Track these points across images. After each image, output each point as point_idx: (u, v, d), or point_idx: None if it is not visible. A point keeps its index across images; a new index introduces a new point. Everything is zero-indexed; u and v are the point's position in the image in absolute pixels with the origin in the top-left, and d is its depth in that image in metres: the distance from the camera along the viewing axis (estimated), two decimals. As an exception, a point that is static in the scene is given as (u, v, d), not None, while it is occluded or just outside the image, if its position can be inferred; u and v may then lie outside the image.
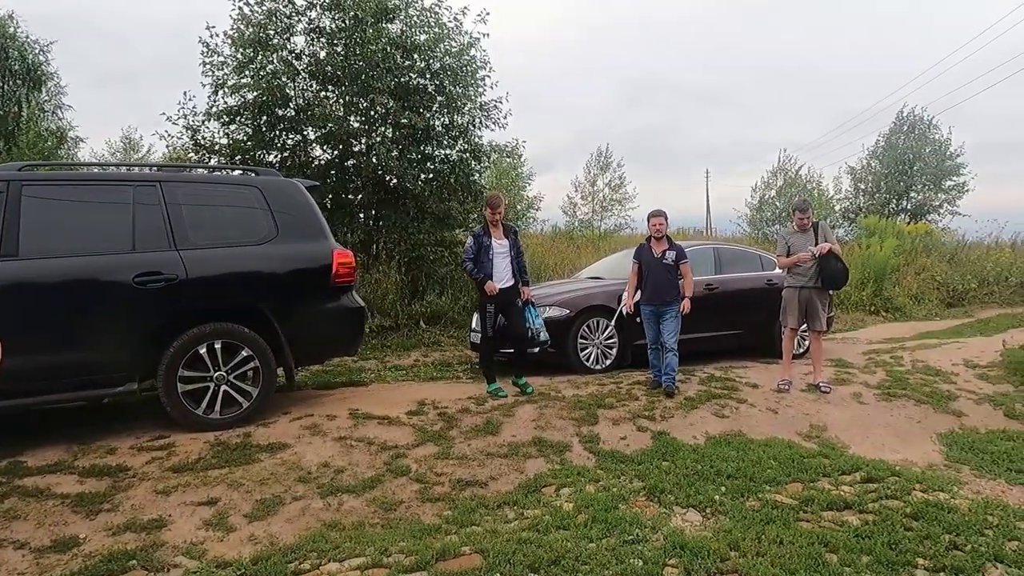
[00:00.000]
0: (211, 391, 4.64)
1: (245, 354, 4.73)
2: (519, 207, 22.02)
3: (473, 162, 11.51)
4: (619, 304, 6.58)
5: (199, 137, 10.42)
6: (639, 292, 6.08)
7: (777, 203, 26.43)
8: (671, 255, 5.95)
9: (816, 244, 6.07)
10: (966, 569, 3.01)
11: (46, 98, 21.35)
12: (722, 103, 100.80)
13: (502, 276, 5.58)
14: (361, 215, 10.65)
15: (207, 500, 3.69)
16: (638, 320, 6.26)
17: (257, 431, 4.64)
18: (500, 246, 5.55)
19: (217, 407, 4.65)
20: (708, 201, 36.92)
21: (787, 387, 6.19)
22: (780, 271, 7.99)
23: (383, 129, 10.82)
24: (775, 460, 4.46)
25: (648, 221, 6.10)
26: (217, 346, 4.63)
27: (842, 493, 3.94)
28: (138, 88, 62.05)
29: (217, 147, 10.53)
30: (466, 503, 3.80)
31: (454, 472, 4.21)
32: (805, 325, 6.51)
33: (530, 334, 5.74)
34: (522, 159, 23.03)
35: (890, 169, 23.03)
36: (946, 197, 23.05)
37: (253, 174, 5.31)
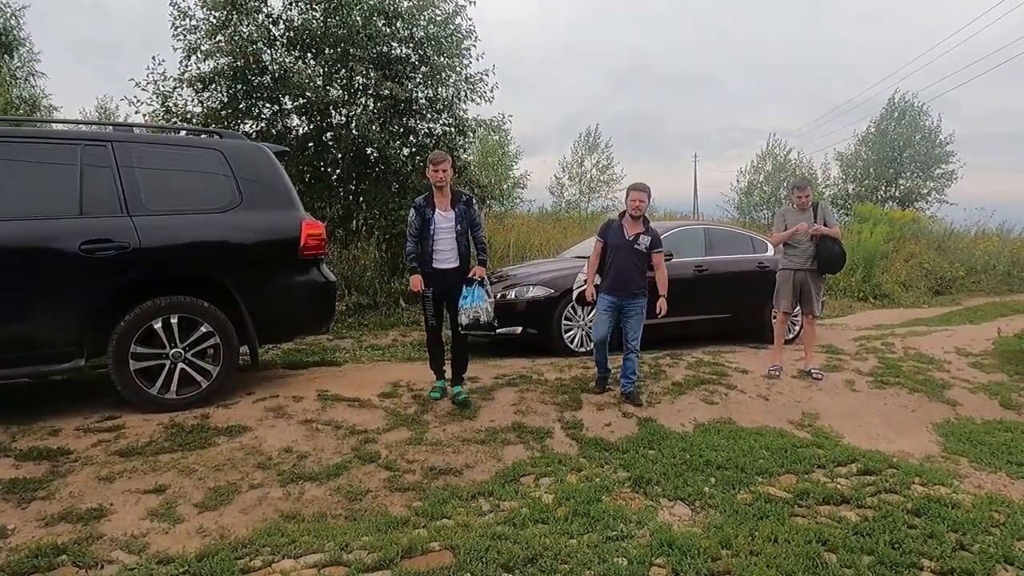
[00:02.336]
0: (167, 369, 4.31)
1: (204, 330, 4.39)
2: (505, 186, 21.61)
3: (458, 137, 11.14)
4: (576, 285, 5.91)
5: (170, 104, 9.96)
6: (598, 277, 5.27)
7: (765, 188, 26.28)
8: (645, 240, 5.01)
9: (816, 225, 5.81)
10: (975, 572, 2.79)
11: (18, 64, 20.55)
12: (711, 89, 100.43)
13: (445, 256, 4.63)
14: (340, 189, 10.24)
15: (155, 488, 3.38)
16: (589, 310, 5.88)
17: (216, 413, 4.32)
18: (444, 219, 4.58)
19: (173, 386, 4.32)
20: (696, 185, 36.73)
21: (778, 373, 5.97)
22: (772, 254, 7.78)
23: (364, 100, 10.40)
24: (767, 450, 4.23)
25: (627, 195, 5.14)
26: (173, 321, 4.29)
27: (838, 486, 3.71)
28: (118, 59, 60.43)
29: (190, 115, 10.09)
30: (438, 493, 3.52)
31: (427, 459, 3.93)
32: (797, 309, 6.28)
33: (465, 317, 4.57)
34: (509, 136, 22.62)
35: (880, 156, 22.89)
36: (935, 185, 23.00)
37: (217, 137, 4.92)
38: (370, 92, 10.26)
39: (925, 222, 18.57)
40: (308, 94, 9.70)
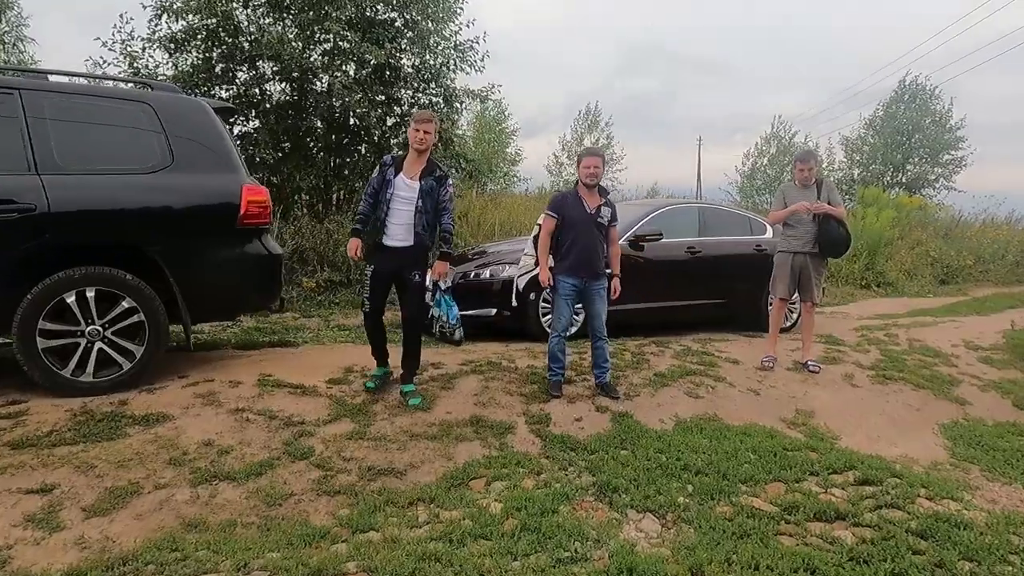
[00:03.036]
0: (82, 348, 3.83)
1: (127, 305, 3.90)
2: (500, 164, 21.05)
3: (445, 107, 10.57)
4: (521, 272, 5.06)
5: (139, 65, 9.41)
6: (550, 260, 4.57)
7: (768, 171, 25.65)
8: (607, 212, 4.45)
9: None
10: (994, 616, 2.33)
11: (6, 28, 19.92)
12: (718, 72, 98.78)
13: (397, 232, 4.00)
14: (318, 159, 9.68)
15: (41, 487, 2.92)
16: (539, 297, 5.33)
17: (137, 399, 3.85)
18: (406, 187, 3.95)
19: (89, 368, 3.85)
20: (699, 168, 36.02)
21: (771, 364, 5.49)
22: (771, 236, 7.26)
23: (345, 66, 9.81)
24: (753, 452, 3.76)
25: (578, 163, 4.51)
26: (90, 294, 3.80)
27: (833, 498, 3.25)
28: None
29: (160, 78, 9.53)
30: (371, 499, 3.05)
31: (366, 457, 3.46)
32: (795, 296, 5.78)
33: (439, 329, 4.31)
34: (506, 112, 21.99)
35: (887, 140, 22.20)
36: (942, 172, 22.33)
37: (147, 88, 4.39)
38: (352, 57, 9.68)
39: (932, 209, 17.97)
40: (284, 57, 9.12)
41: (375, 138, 10.07)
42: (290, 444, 3.51)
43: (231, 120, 5.29)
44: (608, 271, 4.54)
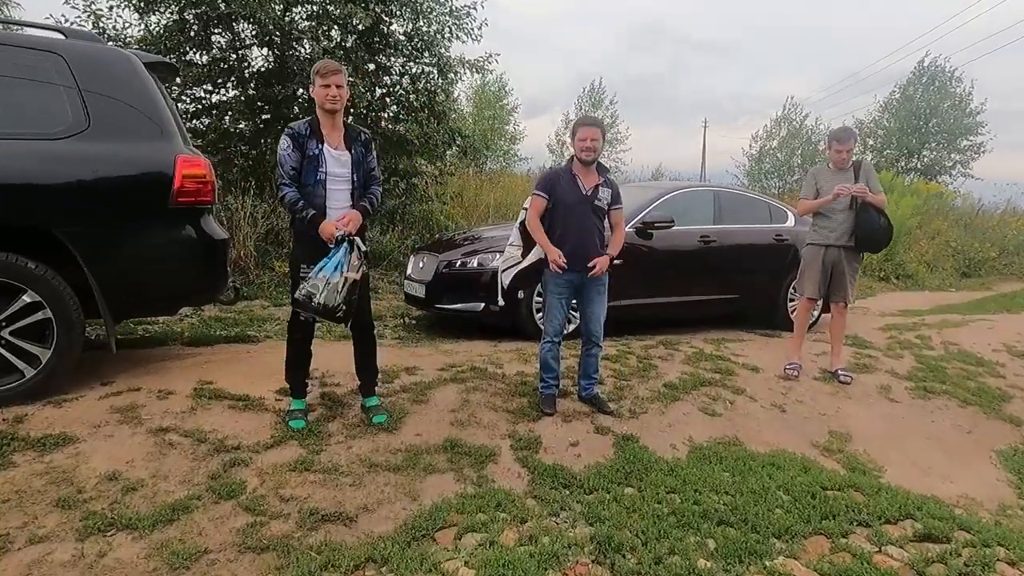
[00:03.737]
0: (-30, 352, 3.14)
1: (29, 300, 3.21)
2: (502, 143, 20.23)
3: (439, 77, 9.78)
4: (506, 265, 3.94)
5: (104, 25, 8.62)
6: (539, 251, 3.75)
7: (778, 155, 24.79)
8: (606, 194, 3.70)
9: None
10: None
11: (-10, -8, 19.01)
12: (725, 54, 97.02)
13: (335, 217, 3.17)
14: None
15: None
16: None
17: (38, 413, 3.17)
18: (336, 161, 3.17)
19: (-21, 376, 3.17)
20: (704, 150, 35.09)
21: (796, 373, 4.82)
22: (793, 225, 6.55)
23: (330, 31, 8.99)
24: (786, 492, 3.09)
25: (573, 135, 3.71)
26: (-19, 286, 3.11)
27: (892, 562, 2.58)
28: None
29: (129, 40, 8.76)
30: (306, 560, 2.38)
31: (310, 496, 2.79)
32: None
33: (299, 293, 3.10)
34: (507, 88, 21.13)
35: (903, 124, 21.33)
36: (960, 158, 21.47)
37: (59, 36, 3.64)
38: (337, 21, 8.87)
39: (950, 196, 17.18)
40: (263, 19, 8.33)
41: (361, 110, 9.30)
42: (217, 477, 2.84)
43: (171, 79, 4.55)
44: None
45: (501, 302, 4.03)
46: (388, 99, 9.54)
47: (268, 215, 7.72)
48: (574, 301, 3.85)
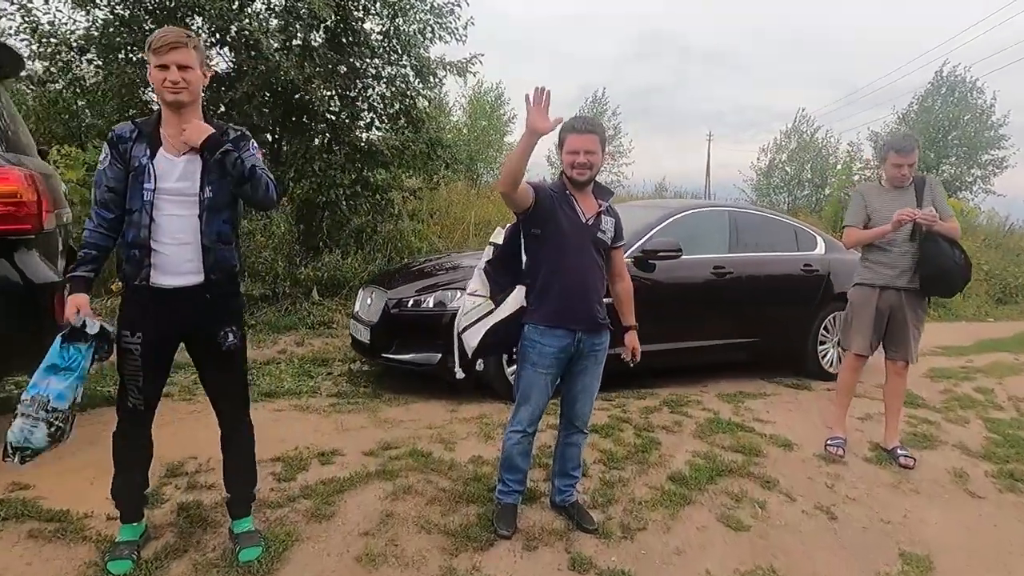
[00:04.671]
0: None
1: None
2: (497, 154, 19.23)
3: (416, 80, 8.75)
4: (469, 321, 2.63)
5: (37, 17, 7.65)
6: (522, 293, 2.58)
7: (787, 168, 23.75)
8: (608, 224, 2.63)
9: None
10: None
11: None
12: (730, 65, 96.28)
13: (173, 259, 2.12)
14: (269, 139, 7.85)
15: None
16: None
17: None
18: (174, 171, 2.12)
19: None
20: (709, 164, 34.02)
21: (841, 451, 3.70)
22: (823, 253, 5.48)
23: (291, 28, 7.97)
24: None
25: (560, 144, 2.58)
26: None
27: None
28: None
29: (68, 34, 7.79)
30: None
31: None
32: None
33: (16, 431, 1.99)
34: (503, 98, 20.20)
35: (921, 136, 20.22)
36: (981, 173, 20.36)
37: None
38: (299, 16, 7.86)
39: (973, 214, 16.04)
40: (211, 12, 7.35)
41: (330, 118, 8.27)
42: None
43: (12, 70, 3.50)
44: (607, 319, 2.68)
45: (460, 373, 2.83)
46: (359, 103, 8.52)
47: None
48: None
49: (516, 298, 2.56)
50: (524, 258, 2.61)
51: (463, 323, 2.59)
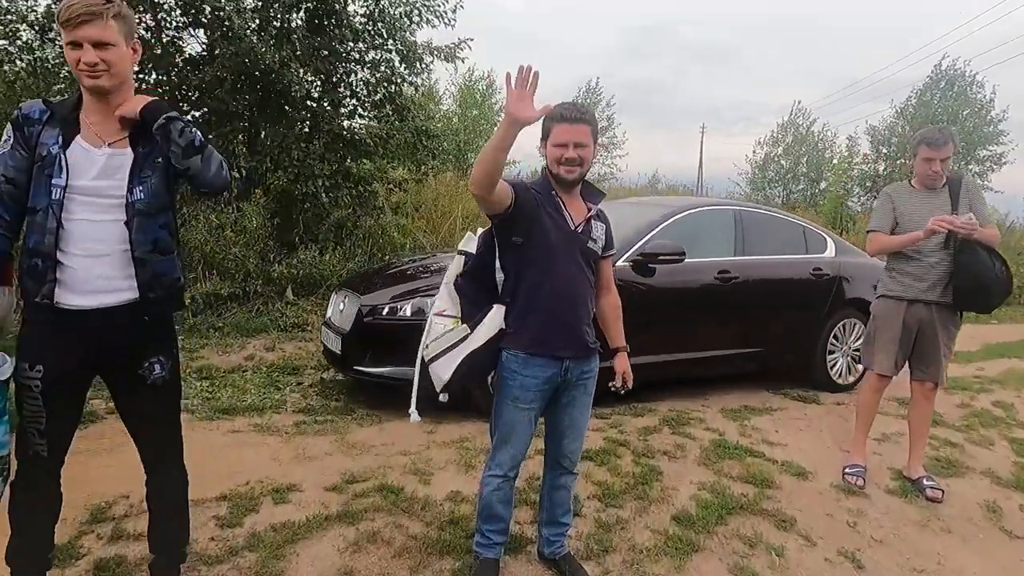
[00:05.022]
0: None
1: None
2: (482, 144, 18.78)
3: (402, 67, 8.29)
4: (439, 349, 2.15)
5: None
6: (500, 315, 2.14)
7: (783, 162, 23.40)
8: (599, 232, 2.24)
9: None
10: None
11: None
12: (724, 60, 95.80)
13: (90, 274, 1.69)
14: (227, 127, 7.35)
15: None
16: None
17: None
18: (92, 165, 1.70)
19: None
20: (701, 157, 33.67)
21: (861, 481, 3.34)
22: (833, 255, 5.14)
23: (268, 10, 7.47)
24: None
25: (546, 136, 2.14)
26: None
27: None
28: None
29: (23, 11, 7.28)
30: None
31: None
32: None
33: None
34: (496, 86, 19.71)
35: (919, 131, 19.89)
36: (979, 169, 20.08)
37: None
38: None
39: (971, 211, 15.68)
40: (180, -12, 6.87)
41: (311, 105, 7.80)
42: None
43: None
44: (596, 343, 2.29)
45: (444, 397, 2.38)
46: (341, 89, 8.05)
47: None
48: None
49: (494, 320, 2.14)
50: (500, 271, 2.20)
51: (432, 351, 2.17)
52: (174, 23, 7.64)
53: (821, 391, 5.04)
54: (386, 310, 3.89)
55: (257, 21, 7.48)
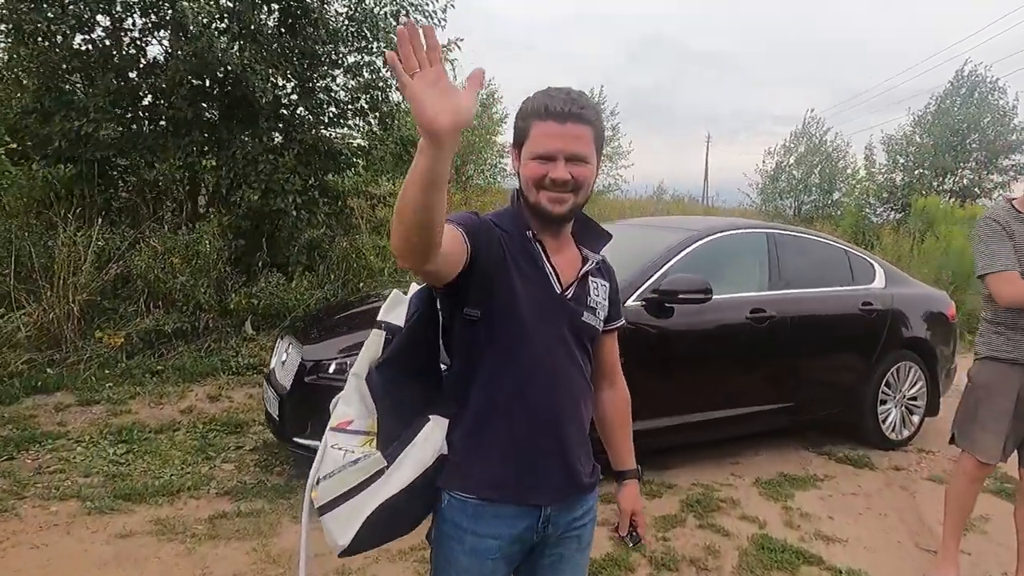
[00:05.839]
0: None
1: None
2: (489, 155, 17.96)
3: (387, 71, 7.51)
4: (333, 494, 1.24)
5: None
6: (440, 433, 1.27)
7: (795, 172, 22.52)
8: (601, 293, 1.37)
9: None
10: None
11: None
12: (727, 68, 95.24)
13: None
14: (186, 138, 6.53)
15: None
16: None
17: None
18: None
19: None
20: (707, 167, 32.83)
21: (958, 606, 2.48)
22: (883, 286, 4.31)
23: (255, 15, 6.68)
24: None
25: (522, 136, 1.24)
26: None
27: None
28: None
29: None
30: None
31: None
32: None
33: None
34: (495, 96, 18.93)
35: (938, 140, 19.00)
36: (1001, 179, 19.13)
37: None
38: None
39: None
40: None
41: (283, 113, 7.03)
42: None
43: None
44: (597, 470, 1.44)
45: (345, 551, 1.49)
46: (320, 95, 7.28)
47: (122, 255, 5.35)
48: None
49: (429, 442, 1.27)
50: (444, 359, 1.36)
51: (325, 495, 1.31)
52: (137, 25, 6.89)
53: (871, 449, 4.19)
54: (332, 367, 3.04)
55: (218, 17, 6.70)
